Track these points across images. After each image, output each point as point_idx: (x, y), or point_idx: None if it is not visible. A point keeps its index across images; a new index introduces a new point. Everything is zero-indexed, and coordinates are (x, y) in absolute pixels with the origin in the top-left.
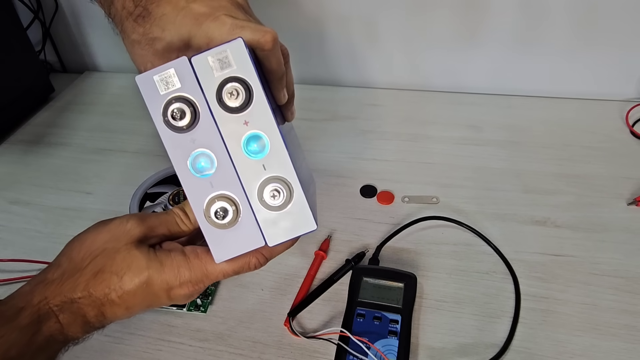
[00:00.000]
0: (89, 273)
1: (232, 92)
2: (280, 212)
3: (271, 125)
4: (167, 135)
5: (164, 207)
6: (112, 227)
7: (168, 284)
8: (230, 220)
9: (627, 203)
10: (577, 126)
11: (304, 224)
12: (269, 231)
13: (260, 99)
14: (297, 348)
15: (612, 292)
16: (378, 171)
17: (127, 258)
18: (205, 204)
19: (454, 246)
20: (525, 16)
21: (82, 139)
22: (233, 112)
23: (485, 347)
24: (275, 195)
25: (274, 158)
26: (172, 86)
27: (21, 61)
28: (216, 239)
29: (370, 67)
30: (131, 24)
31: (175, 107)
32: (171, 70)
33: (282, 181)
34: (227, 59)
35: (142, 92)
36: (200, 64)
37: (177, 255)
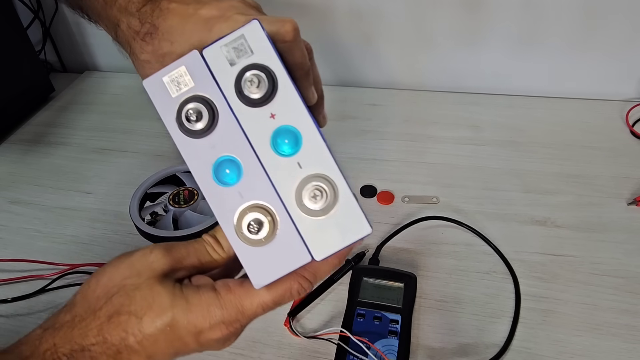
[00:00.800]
0: (104, 315)
1: (252, 81)
2: (324, 217)
3: (302, 114)
4: (184, 142)
5: (164, 207)
6: (133, 260)
7: (196, 327)
8: (266, 235)
9: (627, 203)
10: (577, 126)
11: (357, 227)
12: (314, 242)
13: (286, 86)
14: (297, 348)
15: (612, 292)
16: (378, 171)
17: (148, 296)
18: (236, 218)
19: (454, 246)
20: (525, 16)
21: (82, 138)
22: (256, 105)
23: (485, 347)
24: (317, 196)
25: (310, 153)
26: (185, 86)
27: (21, 61)
28: (252, 259)
29: (371, 67)
30: (139, 44)
31: (190, 109)
32: (182, 68)
33: (323, 179)
34: (243, 45)
35: (152, 97)
36: (213, 56)
37: (206, 292)
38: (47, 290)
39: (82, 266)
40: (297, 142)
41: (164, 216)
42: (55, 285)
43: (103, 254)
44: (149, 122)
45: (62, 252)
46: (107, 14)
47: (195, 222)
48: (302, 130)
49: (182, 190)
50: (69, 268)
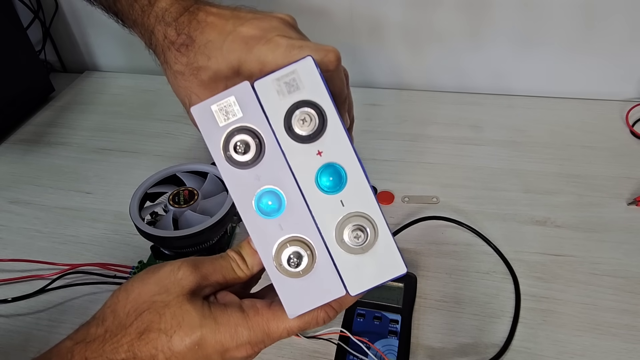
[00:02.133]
0: (135, 332)
1: (303, 119)
2: (362, 255)
3: (349, 153)
4: (228, 172)
5: (164, 207)
6: (161, 277)
7: (223, 346)
8: (305, 268)
9: (627, 203)
10: (577, 126)
11: (392, 267)
12: (351, 278)
13: (335, 125)
14: (297, 348)
15: (612, 292)
16: (378, 171)
17: (177, 314)
18: (275, 250)
19: (454, 246)
20: (525, 16)
21: (82, 138)
22: (304, 142)
23: (485, 347)
24: (359, 236)
25: (353, 192)
26: (233, 116)
27: (21, 61)
28: (288, 289)
29: (371, 66)
30: (174, 54)
31: (238, 140)
32: (231, 98)
33: (364, 218)
34: (295, 80)
35: (199, 125)
36: (264, 89)
37: (234, 312)
38: (47, 290)
39: (82, 266)
40: (341, 180)
41: (164, 216)
42: (55, 285)
43: (103, 254)
44: (149, 122)
45: (62, 252)
46: (142, 22)
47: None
48: (347, 169)
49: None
50: (69, 268)
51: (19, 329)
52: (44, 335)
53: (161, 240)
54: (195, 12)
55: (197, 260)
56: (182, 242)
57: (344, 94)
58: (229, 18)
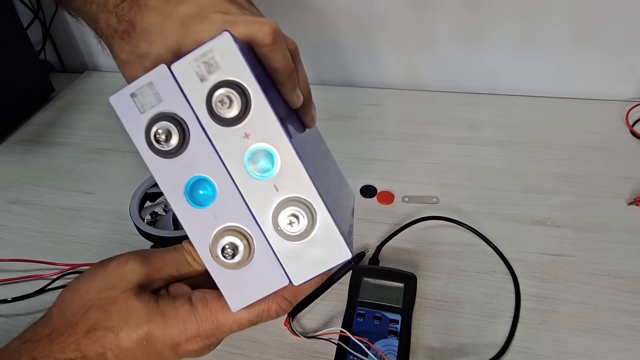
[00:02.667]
0: (81, 330)
1: (223, 100)
2: (302, 241)
3: (278, 134)
4: (154, 163)
5: (164, 207)
6: (108, 272)
7: (172, 340)
8: (242, 259)
9: (627, 203)
10: (577, 126)
11: (335, 252)
12: (292, 267)
13: (260, 104)
14: (297, 348)
15: (612, 292)
16: (378, 171)
17: (124, 311)
18: (211, 241)
19: (454, 246)
20: (525, 16)
21: (82, 138)
22: (229, 125)
23: (485, 347)
24: (294, 222)
25: (287, 175)
26: (153, 103)
27: (21, 61)
28: (229, 282)
29: (371, 67)
30: (118, 43)
31: (158, 128)
32: (149, 83)
33: (300, 203)
34: (214, 59)
35: (119, 115)
36: (182, 71)
37: (182, 305)
38: (47, 290)
39: (82, 266)
40: (272, 163)
41: (164, 216)
42: (55, 285)
43: (103, 254)
44: None
45: (62, 252)
46: (86, 11)
47: None
48: (278, 151)
49: None
50: (69, 268)
51: (19, 329)
52: None
53: (161, 240)
54: None
55: (147, 253)
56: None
57: (289, 68)
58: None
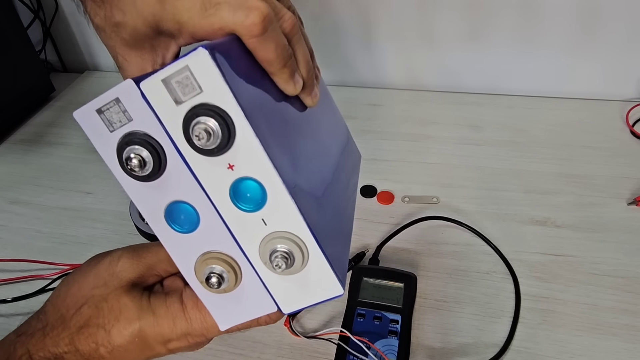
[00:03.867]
0: (74, 326)
1: (200, 135)
2: (293, 275)
3: (265, 166)
4: (129, 185)
5: None
6: (100, 269)
7: (163, 337)
8: (228, 286)
9: (627, 203)
10: (577, 126)
11: (328, 287)
12: (282, 297)
13: (244, 133)
14: (297, 348)
15: (612, 292)
16: (378, 171)
17: (115, 308)
18: (195, 266)
19: (454, 246)
20: (525, 16)
21: (82, 138)
22: (210, 155)
23: (485, 347)
24: (281, 265)
25: (275, 208)
26: (122, 122)
27: (21, 61)
28: (217, 304)
29: (371, 67)
30: (90, 5)
31: (130, 153)
32: (115, 99)
33: (289, 240)
34: (189, 79)
35: (87, 133)
36: (152, 91)
37: (173, 304)
38: (47, 290)
39: None
40: (260, 196)
41: None
42: (55, 285)
43: None
44: None
45: (62, 252)
46: None
47: None
48: (265, 183)
49: None
50: (69, 268)
51: None
52: None
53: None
54: None
55: (140, 250)
56: None
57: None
58: None
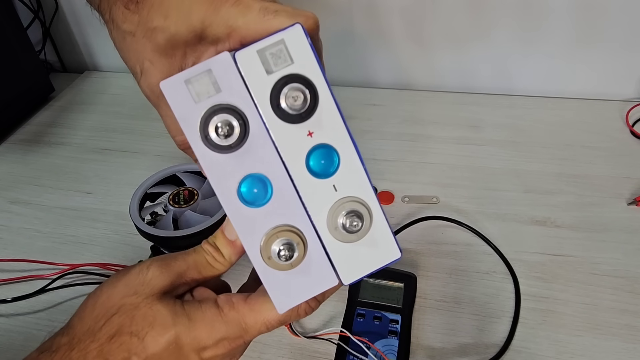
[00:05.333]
0: (104, 336)
1: (294, 97)
2: (356, 242)
3: (342, 134)
4: (207, 157)
5: (164, 207)
6: (130, 278)
7: (200, 343)
8: (296, 259)
9: (627, 203)
10: (578, 126)
11: (387, 252)
12: (344, 267)
13: (327, 102)
14: (297, 348)
15: (612, 292)
16: (378, 171)
17: (148, 315)
18: (263, 242)
19: (454, 246)
20: (525, 16)
21: (82, 138)
22: (294, 122)
23: (485, 347)
24: (354, 222)
25: (347, 175)
26: (211, 93)
27: (21, 61)
28: (278, 284)
29: (371, 66)
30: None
31: (219, 121)
32: (209, 71)
33: (359, 204)
34: (283, 52)
35: (171, 103)
36: (247, 61)
37: (209, 308)
38: (47, 290)
39: (82, 266)
40: (334, 163)
41: (164, 216)
42: (55, 285)
43: (103, 254)
44: (149, 122)
45: (62, 252)
46: None
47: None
48: (340, 151)
49: (182, 190)
50: (69, 268)
51: (19, 329)
52: (44, 335)
53: (161, 240)
54: None
55: (168, 258)
56: (182, 242)
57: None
58: None
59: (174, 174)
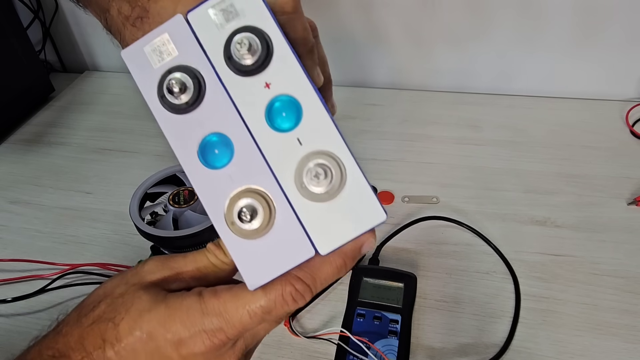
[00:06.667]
0: (87, 322)
1: (241, 43)
2: (330, 201)
3: (302, 82)
4: (166, 119)
5: (164, 207)
6: (127, 272)
7: (175, 335)
8: (261, 224)
9: (627, 203)
10: (577, 126)
11: (369, 214)
12: (318, 233)
13: (282, 51)
14: (297, 348)
15: (612, 292)
16: (378, 171)
17: (128, 301)
18: (227, 206)
19: (454, 246)
20: (525, 16)
21: (82, 138)
22: (248, 74)
23: (485, 347)
24: (320, 176)
25: (311, 126)
26: (168, 55)
27: (21, 61)
28: (246, 254)
29: (371, 66)
30: (130, 30)
31: (172, 79)
32: (164, 35)
33: (327, 156)
34: (233, 6)
35: (131, 69)
36: (199, 20)
37: (189, 296)
38: (47, 290)
39: (82, 266)
40: (296, 114)
41: (164, 216)
42: (55, 285)
43: (103, 254)
44: (149, 122)
45: (62, 252)
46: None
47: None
48: (301, 100)
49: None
50: (69, 268)
51: (19, 329)
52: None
53: (161, 240)
54: None
55: (169, 257)
56: (182, 242)
57: (310, 42)
58: None
59: (174, 174)
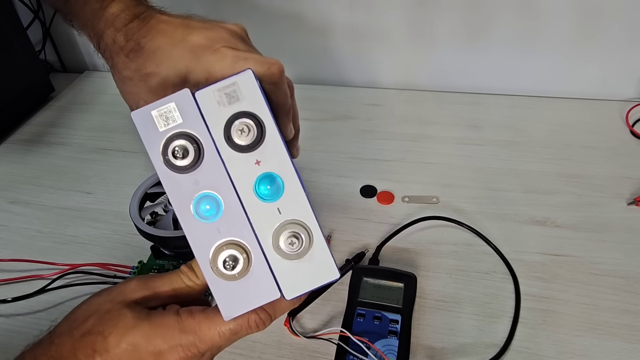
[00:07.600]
0: (78, 334)
1: (242, 129)
2: (298, 260)
3: (286, 164)
4: (167, 176)
5: (164, 207)
6: (112, 289)
7: (156, 347)
8: (240, 271)
9: (627, 203)
10: (577, 126)
11: (326, 272)
12: (286, 282)
13: (273, 136)
14: (297, 348)
15: (612, 292)
16: (378, 171)
17: (114, 317)
18: (212, 253)
19: (454, 246)
20: (525, 16)
21: (82, 138)
22: (243, 151)
23: (485, 347)
24: (294, 242)
25: (290, 200)
26: (173, 122)
27: (21, 61)
28: (224, 292)
29: (371, 66)
30: (122, 60)
31: (176, 145)
32: (171, 104)
33: (300, 226)
34: (236, 92)
35: (139, 129)
36: (205, 99)
37: (168, 315)
38: (47, 290)
39: (82, 266)
40: (279, 189)
41: (164, 216)
42: (55, 285)
43: (103, 254)
44: None
45: (62, 252)
46: (92, 25)
47: None
48: (284, 178)
49: None
50: (69, 268)
51: (19, 329)
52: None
53: (161, 240)
54: (146, 18)
55: (151, 277)
56: (182, 242)
57: (288, 105)
58: (179, 26)
59: None
